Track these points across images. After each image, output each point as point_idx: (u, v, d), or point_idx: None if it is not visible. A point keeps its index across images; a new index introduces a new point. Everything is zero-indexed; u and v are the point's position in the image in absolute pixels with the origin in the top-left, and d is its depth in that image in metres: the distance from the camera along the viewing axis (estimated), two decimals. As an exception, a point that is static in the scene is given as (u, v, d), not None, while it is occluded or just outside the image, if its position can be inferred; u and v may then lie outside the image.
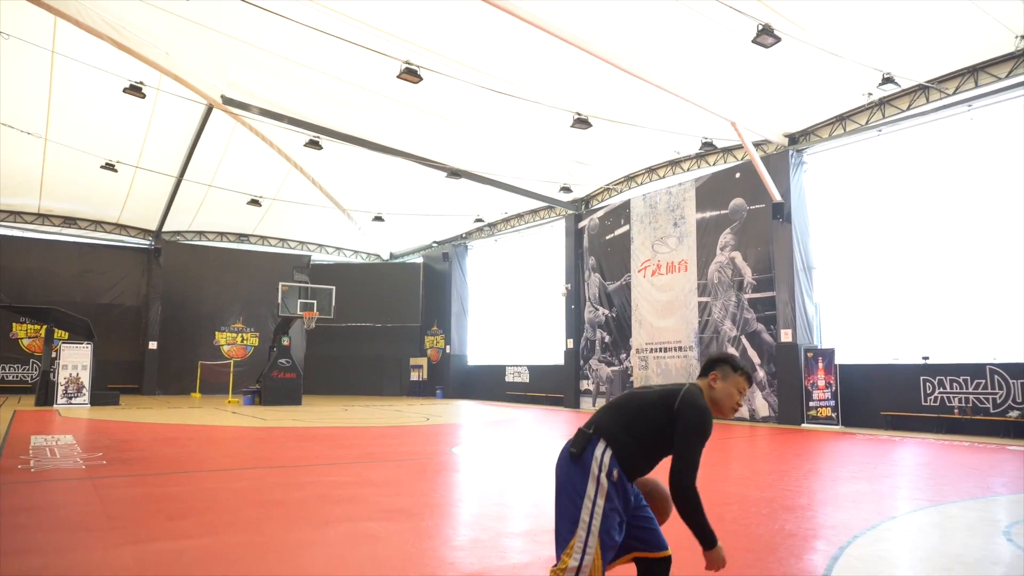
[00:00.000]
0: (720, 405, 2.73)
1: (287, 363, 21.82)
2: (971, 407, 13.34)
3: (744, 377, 2.76)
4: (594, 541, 2.37)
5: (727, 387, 2.73)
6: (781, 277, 16.25)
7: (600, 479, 2.43)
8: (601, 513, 2.39)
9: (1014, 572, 4.27)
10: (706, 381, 2.77)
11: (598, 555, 2.37)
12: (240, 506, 6.02)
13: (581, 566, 2.35)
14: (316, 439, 11.86)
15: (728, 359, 2.80)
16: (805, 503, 6.39)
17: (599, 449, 2.48)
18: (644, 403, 2.62)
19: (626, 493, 2.52)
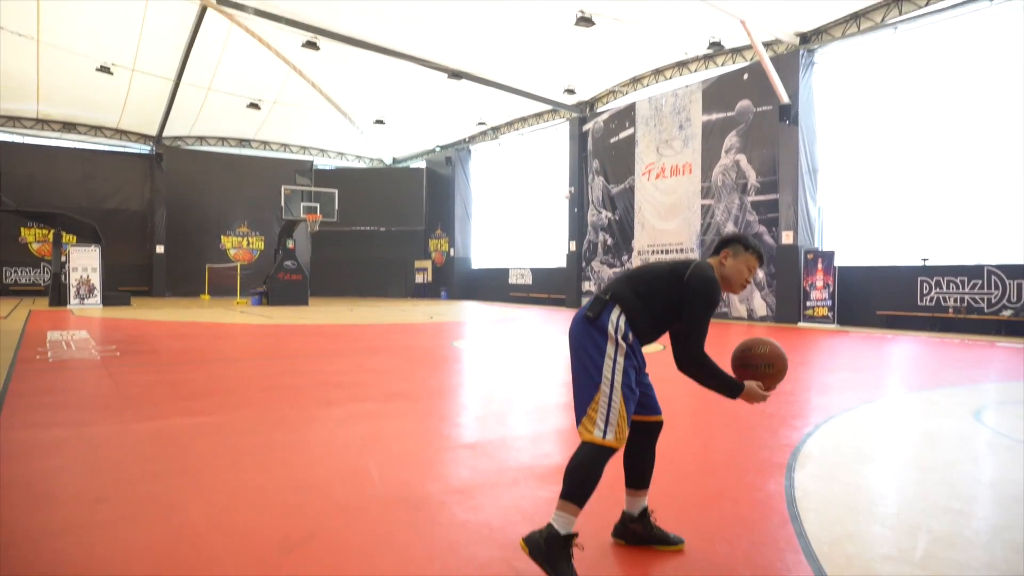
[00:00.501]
0: (730, 281, 2.76)
1: (293, 265, 22.11)
2: (966, 306, 13.55)
3: (755, 255, 2.76)
4: (618, 395, 2.48)
5: (737, 264, 2.74)
6: (785, 179, 16.14)
7: (618, 340, 2.52)
8: (622, 369, 2.50)
9: (976, 447, 4.54)
10: (717, 259, 2.78)
11: (622, 404, 2.48)
12: (249, 390, 6.33)
13: (609, 418, 2.46)
14: (321, 334, 12.22)
15: (740, 238, 2.79)
16: (789, 389, 6.66)
17: (615, 314, 2.55)
18: (656, 274, 2.68)
19: (639, 356, 2.62)
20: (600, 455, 2.47)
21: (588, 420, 2.49)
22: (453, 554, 2.64)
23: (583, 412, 2.51)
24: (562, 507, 2.43)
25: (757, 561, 2.62)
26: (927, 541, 2.85)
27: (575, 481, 2.45)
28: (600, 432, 2.46)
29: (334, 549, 2.67)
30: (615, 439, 2.47)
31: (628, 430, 2.53)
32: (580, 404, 2.54)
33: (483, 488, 3.47)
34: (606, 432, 2.46)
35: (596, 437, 2.46)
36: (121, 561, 2.53)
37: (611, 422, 2.46)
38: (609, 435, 2.46)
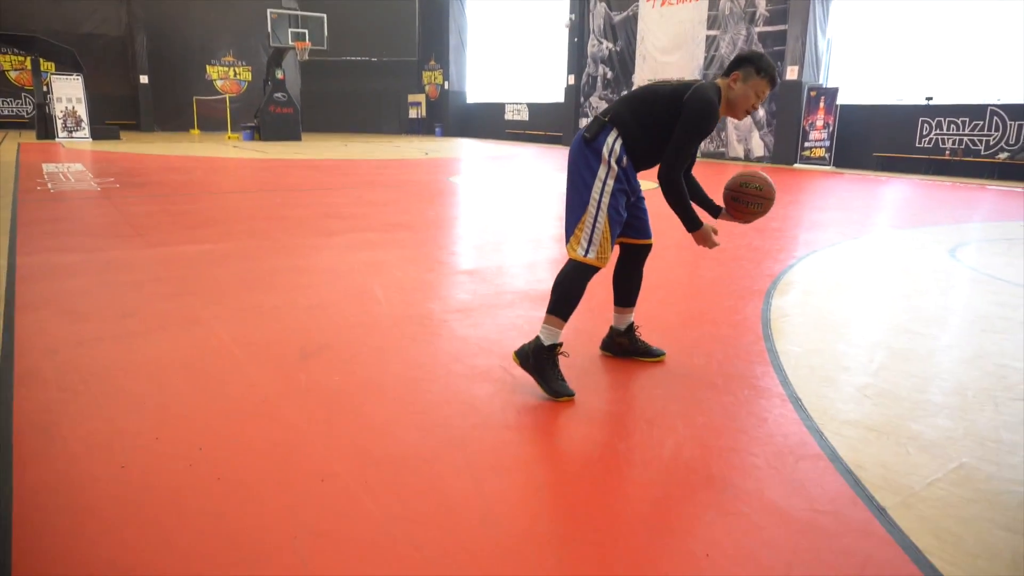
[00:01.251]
0: (734, 106, 2.66)
1: (283, 97, 21.47)
2: (963, 148, 13.49)
3: (767, 80, 2.60)
4: (603, 216, 2.56)
5: (746, 89, 2.61)
6: (796, 9, 15.37)
7: (611, 163, 2.56)
8: (610, 192, 2.56)
9: (945, 280, 4.81)
10: (727, 81, 2.65)
11: (607, 226, 2.57)
12: (252, 220, 6.49)
13: (592, 237, 2.55)
14: (318, 169, 12.21)
15: (754, 59, 2.61)
16: (777, 226, 6.86)
17: (611, 136, 2.56)
18: (658, 96, 2.62)
19: (632, 182, 2.67)
20: (582, 272, 2.59)
21: (574, 238, 2.58)
22: (456, 361, 2.93)
23: (571, 231, 2.60)
24: (548, 320, 2.61)
25: (730, 371, 2.92)
26: (884, 356, 3.16)
27: (559, 295, 2.60)
28: (583, 251, 2.56)
29: (347, 357, 2.95)
30: (596, 258, 2.57)
31: (610, 251, 2.61)
32: (569, 222, 2.62)
33: (481, 308, 3.73)
34: (588, 251, 2.56)
35: (579, 255, 2.57)
36: (155, 366, 2.81)
37: (594, 242, 2.55)
38: (591, 254, 2.56)
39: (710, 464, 2.12)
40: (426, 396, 2.57)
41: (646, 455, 2.18)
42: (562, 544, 1.71)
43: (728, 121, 17.26)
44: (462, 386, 2.67)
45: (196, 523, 1.75)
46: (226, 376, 2.72)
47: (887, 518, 1.86)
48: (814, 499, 1.95)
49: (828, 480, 2.05)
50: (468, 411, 2.46)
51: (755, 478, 2.05)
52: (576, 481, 2.03)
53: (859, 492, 1.99)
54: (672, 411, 2.50)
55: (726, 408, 2.55)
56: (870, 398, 2.67)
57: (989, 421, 2.48)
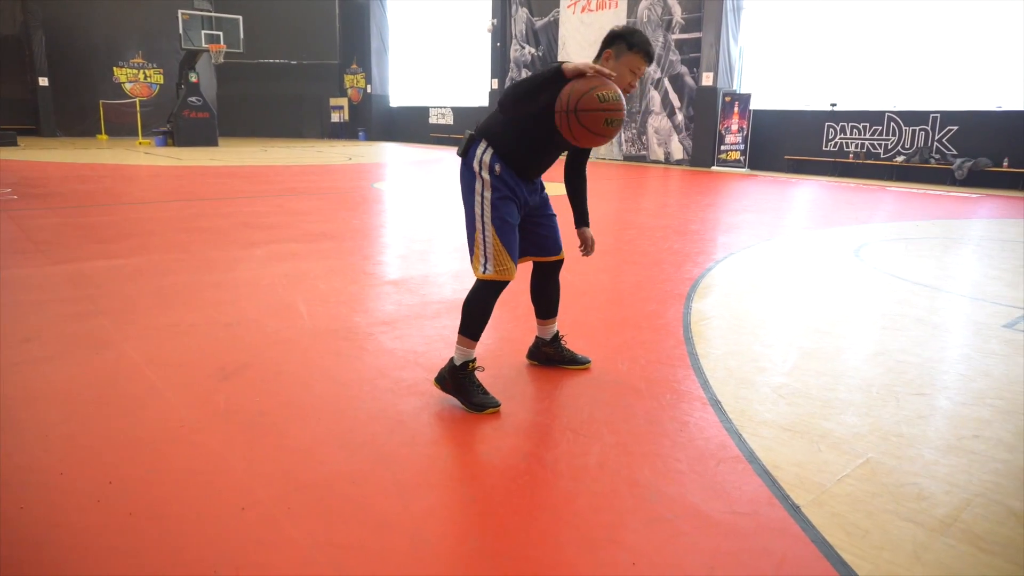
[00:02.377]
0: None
1: (198, 102, 20.69)
2: (864, 152, 14.29)
3: (641, 55, 2.49)
4: (490, 230, 2.53)
5: (619, 67, 2.49)
6: (710, 17, 15.93)
7: (482, 175, 2.51)
8: (490, 203, 2.52)
9: (850, 279, 5.07)
10: (600, 60, 2.55)
11: (496, 238, 2.53)
12: (166, 232, 6.23)
13: (486, 253, 2.53)
14: (236, 176, 11.82)
15: (625, 35, 2.51)
16: (696, 229, 7.09)
17: (480, 148, 2.53)
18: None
19: (517, 187, 2.57)
20: (486, 289, 2.58)
21: (474, 258, 2.59)
22: (382, 376, 2.90)
23: (472, 251, 2.60)
24: (460, 341, 2.61)
25: (653, 376, 3.00)
26: (796, 356, 3.31)
27: (467, 315, 2.60)
28: (483, 268, 2.55)
29: (270, 376, 2.87)
30: (496, 273, 2.54)
31: (512, 263, 2.55)
32: (469, 243, 2.63)
33: (407, 320, 3.70)
34: (486, 267, 2.54)
35: (479, 272, 2.56)
36: (61, 394, 2.66)
37: (490, 257, 2.53)
38: (490, 270, 2.54)
39: (635, 471, 2.17)
40: (352, 414, 2.53)
41: (573, 464, 2.21)
42: (492, 561, 1.72)
43: (648, 125, 17.72)
44: (389, 401, 2.65)
45: (107, 563, 1.66)
46: (139, 402, 2.60)
47: (801, 516, 1.95)
48: (734, 501, 2.02)
49: (747, 481, 2.13)
50: (395, 427, 2.43)
51: (678, 483, 2.11)
52: (504, 494, 2.04)
53: (775, 492, 2.07)
54: (598, 418, 2.55)
55: (649, 413, 2.61)
56: (784, 398, 2.79)
57: (891, 416, 2.64)
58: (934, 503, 2.04)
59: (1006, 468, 2.27)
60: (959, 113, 13.06)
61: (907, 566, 1.74)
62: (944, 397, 2.86)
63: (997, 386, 2.98)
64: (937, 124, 13.26)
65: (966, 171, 12.70)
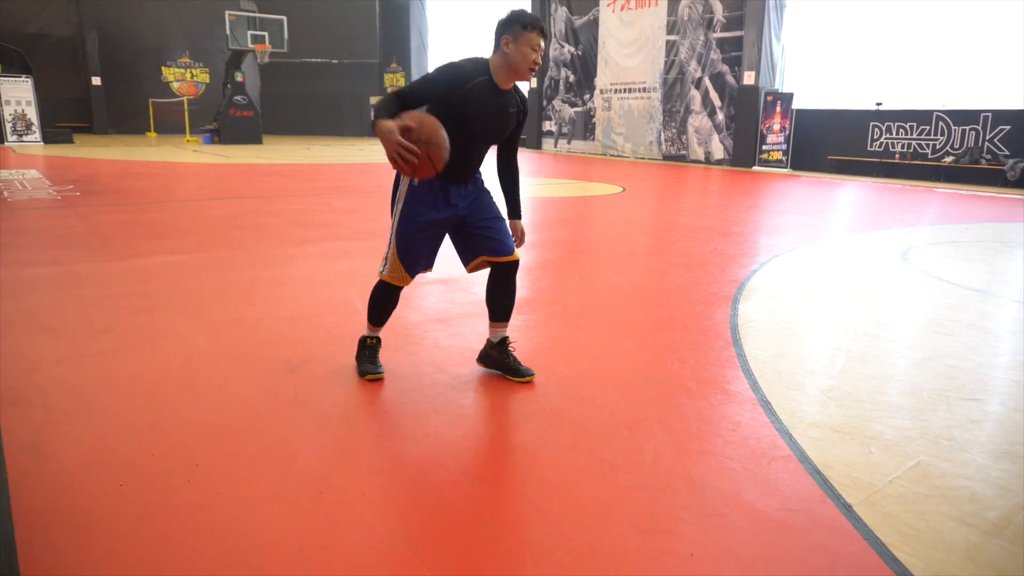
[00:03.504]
0: (518, 68, 2.56)
1: (243, 100, 21.19)
2: (911, 152, 14.02)
3: (536, 31, 2.53)
4: (394, 237, 2.71)
5: (519, 48, 2.52)
6: (752, 15, 15.78)
7: (400, 187, 2.67)
8: (400, 217, 2.67)
9: (898, 283, 5.05)
10: (501, 50, 2.56)
11: (394, 248, 2.71)
12: (220, 229, 6.46)
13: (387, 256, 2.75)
14: (282, 174, 12.12)
15: (515, 17, 2.55)
16: (739, 230, 7.09)
17: None
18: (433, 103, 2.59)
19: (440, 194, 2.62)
20: (382, 288, 2.84)
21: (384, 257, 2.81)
22: (440, 371, 3.02)
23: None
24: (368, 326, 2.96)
25: (702, 376, 3.06)
26: (844, 359, 3.34)
27: (369, 306, 2.91)
28: (382, 268, 2.80)
29: (334, 369, 3.01)
30: (388, 276, 2.77)
31: (404, 273, 2.75)
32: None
33: (461, 318, 3.82)
34: (383, 268, 2.78)
35: (379, 271, 2.82)
36: (141, 382, 2.83)
37: (388, 260, 2.76)
38: (385, 271, 2.78)
39: (689, 467, 2.25)
40: (414, 407, 2.65)
41: (628, 460, 2.29)
42: (553, 547, 1.82)
43: (689, 124, 17.62)
44: (449, 396, 2.76)
45: (202, 539, 1.80)
46: (214, 391, 2.76)
47: (853, 514, 2.01)
48: (787, 498, 2.08)
49: (798, 480, 2.19)
50: (456, 420, 2.54)
51: (732, 480, 2.18)
52: (563, 486, 2.14)
53: (827, 491, 2.13)
54: (651, 417, 2.63)
55: (701, 413, 2.68)
56: (834, 400, 2.83)
57: (942, 420, 2.66)
58: (987, 506, 2.07)
59: (1060, 473, 2.29)
60: (1012, 112, 12.74)
61: (961, 566, 1.79)
62: (996, 402, 2.87)
63: (1051, 392, 2.98)
64: (988, 123, 12.95)
65: (1019, 172, 12.39)
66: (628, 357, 3.27)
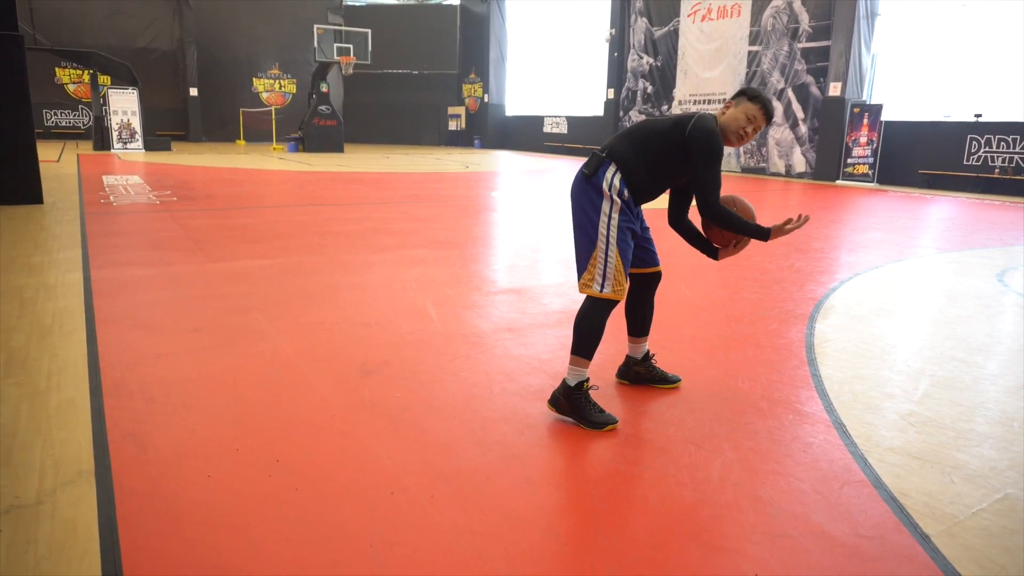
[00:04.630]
0: (726, 130, 2.69)
1: (327, 110, 21.99)
2: (1013, 167, 13.24)
3: (759, 105, 2.66)
4: (614, 250, 2.60)
5: (736, 113, 2.67)
6: (840, 24, 15.28)
7: (612, 197, 2.59)
8: (617, 225, 2.63)
9: (992, 306, 4.80)
10: (721, 108, 2.76)
11: (619, 259, 2.61)
12: (304, 235, 6.74)
13: (606, 272, 2.61)
14: (362, 182, 12.52)
15: (747, 90, 2.72)
16: (819, 247, 6.88)
17: (610, 171, 2.60)
18: (656, 130, 2.68)
19: (635, 214, 2.72)
20: (601, 308, 2.64)
21: (587, 275, 2.63)
22: (510, 380, 3.07)
23: (583, 268, 2.65)
24: (573, 362, 2.66)
25: (774, 396, 3.01)
26: (928, 384, 3.21)
27: (581, 335, 2.65)
28: (598, 286, 2.61)
29: (407, 374, 3.11)
30: (612, 292, 2.61)
31: (626, 283, 2.67)
32: (580, 260, 2.67)
33: (531, 328, 3.87)
34: (603, 286, 2.60)
35: (595, 291, 2.62)
36: (229, 379, 3.01)
37: (608, 276, 2.60)
38: (607, 289, 2.61)
39: (757, 486, 2.22)
40: (484, 414, 2.72)
41: (694, 476, 2.29)
42: (615, 559, 1.84)
43: (769, 137, 17.19)
44: (517, 405, 2.81)
45: (281, 529, 1.91)
46: (295, 391, 2.90)
47: (931, 545, 1.94)
48: (858, 524, 2.03)
49: (872, 506, 2.13)
50: (524, 429, 2.59)
51: (801, 502, 2.14)
52: (627, 499, 2.15)
53: (903, 519, 2.07)
54: (718, 434, 2.60)
55: (771, 432, 2.64)
56: (914, 426, 2.73)
57: (1033, 452, 2.53)
58: (1079, 545, 1.97)
59: None
60: None
61: (1046, 605, 1.71)
62: (1095, 436, 2.71)
63: None
64: (1099, 138, 12.09)
65: None
66: (698, 373, 3.25)
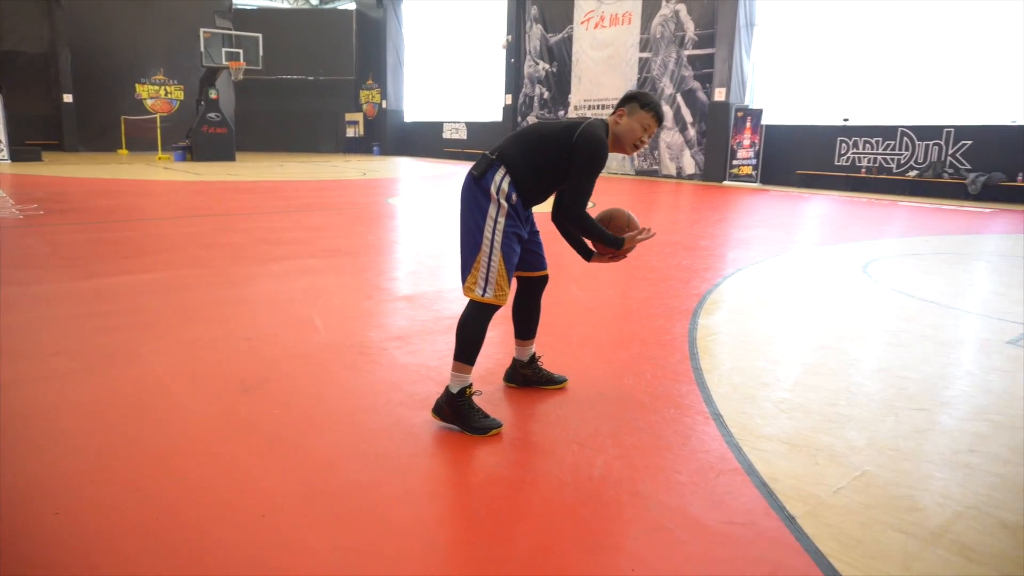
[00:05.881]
0: (622, 140, 2.70)
1: (217, 117, 21.09)
2: (877, 167, 14.30)
3: (652, 114, 2.68)
4: (497, 255, 2.55)
5: (631, 123, 2.67)
6: (723, 33, 16.06)
7: (499, 200, 2.54)
8: (503, 231, 2.54)
9: (858, 296, 5.14)
10: (613, 117, 2.72)
11: (502, 264, 2.56)
12: (187, 247, 6.40)
13: (488, 277, 2.57)
14: (254, 192, 12.06)
15: (639, 96, 2.70)
16: (705, 244, 7.17)
17: (499, 174, 2.56)
18: (546, 134, 2.65)
19: (523, 218, 2.65)
20: (483, 312, 2.60)
21: (471, 278, 2.58)
22: (396, 390, 3.01)
23: (467, 271, 2.60)
24: (456, 368, 2.61)
25: (657, 391, 3.09)
26: (799, 371, 3.39)
27: (462, 340, 2.60)
28: (480, 291, 2.56)
29: (288, 389, 2.99)
30: (494, 297, 2.57)
31: (508, 288, 2.62)
32: (465, 263, 2.62)
33: (420, 335, 3.82)
34: (486, 290, 2.56)
35: (477, 295, 2.57)
36: (94, 405, 2.79)
37: (491, 281, 2.56)
38: (489, 293, 2.56)
39: (637, 482, 2.27)
40: (368, 426, 2.64)
41: (577, 475, 2.30)
42: (497, 564, 1.82)
43: (660, 140, 17.83)
44: (402, 414, 2.75)
45: (134, 564, 1.78)
46: (165, 413, 2.73)
47: (796, 526, 2.03)
48: (732, 511, 2.10)
49: (744, 493, 2.21)
50: (408, 439, 2.54)
51: (679, 494, 2.20)
52: (510, 503, 2.14)
53: (772, 503, 2.16)
54: (603, 432, 2.64)
55: (653, 427, 2.70)
56: (785, 412, 2.87)
57: (890, 431, 2.71)
58: (927, 515, 2.11)
59: (1001, 482, 2.33)
60: (973, 128, 13.06)
61: (897, 575, 1.81)
62: (944, 412, 2.93)
63: (998, 402, 3.04)
64: (951, 139, 13.26)
65: (980, 186, 12.68)
66: (585, 373, 3.29)
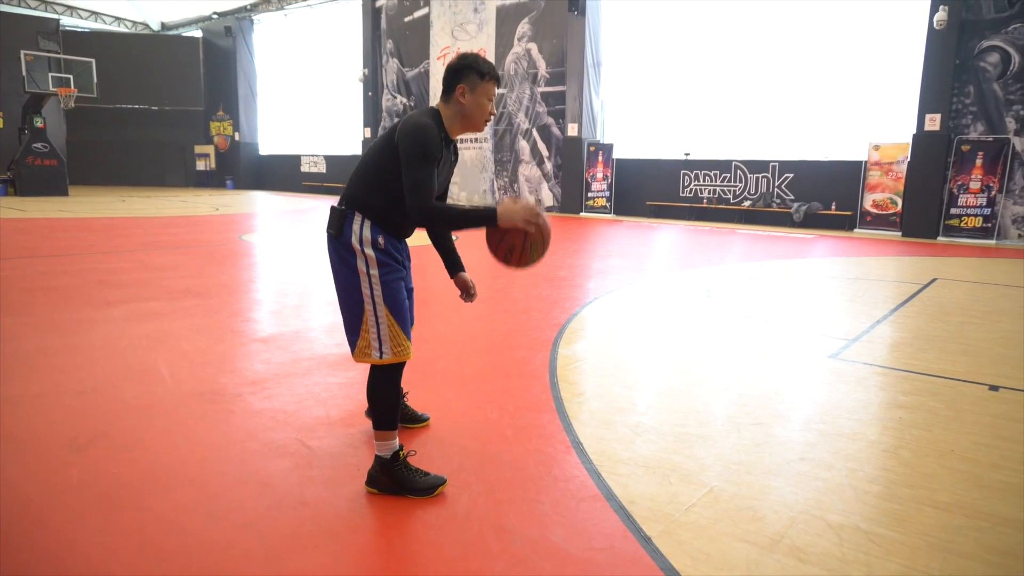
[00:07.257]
0: (472, 118, 2.45)
1: (44, 148, 19.31)
2: (716, 197, 15.50)
3: (492, 80, 2.44)
4: (383, 310, 2.35)
5: (477, 99, 2.42)
6: (572, 71, 16.86)
7: (366, 252, 2.34)
8: (380, 282, 2.34)
9: (703, 319, 5.51)
10: (453, 97, 2.42)
11: (392, 321, 2.36)
12: (8, 293, 5.77)
13: (380, 335, 2.35)
14: (89, 229, 11.10)
15: (474, 65, 2.41)
16: (564, 275, 7.43)
17: (356, 223, 2.35)
18: (374, 149, 2.42)
19: (400, 254, 2.46)
20: (389, 374, 2.43)
21: (362, 342, 2.37)
22: (251, 439, 2.86)
23: (356, 335, 2.38)
24: (379, 437, 2.44)
25: (520, 422, 3.14)
26: (653, 394, 3.57)
27: (378, 407, 2.44)
28: (377, 353, 2.36)
29: (128, 444, 2.76)
30: (393, 355, 2.37)
31: (408, 340, 2.42)
32: (349, 328, 2.40)
33: (277, 378, 3.66)
34: (382, 351, 2.36)
35: (375, 359, 2.37)
36: None
37: (384, 339, 2.36)
38: (387, 353, 2.36)
39: (501, 516, 2.28)
40: (218, 479, 2.49)
41: (440, 515, 2.29)
42: (361, 617, 1.76)
43: (520, 174, 18.36)
44: (257, 464, 2.62)
45: (-57, 661, 1.56)
46: (-23, 482, 2.43)
47: (652, 546, 2.13)
48: (592, 537, 2.17)
49: (604, 518, 2.29)
50: (263, 490, 2.42)
51: (541, 524, 2.24)
52: (372, 550, 2.09)
53: (630, 526, 2.25)
54: (467, 468, 2.64)
55: (516, 459, 2.74)
56: (640, 436, 3.01)
57: (733, 446, 2.91)
58: (766, 523, 2.28)
59: (825, 485, 2.57)
60: (794, 162, 14.51)
61: (740, 583, 1.94)
62: (778, 425, 3.19)
63: (822, 412, 3.36)
64: (776, 172, 14.64)
65: (802, 214, 14.07)
66: (449, 407, 3.29)
